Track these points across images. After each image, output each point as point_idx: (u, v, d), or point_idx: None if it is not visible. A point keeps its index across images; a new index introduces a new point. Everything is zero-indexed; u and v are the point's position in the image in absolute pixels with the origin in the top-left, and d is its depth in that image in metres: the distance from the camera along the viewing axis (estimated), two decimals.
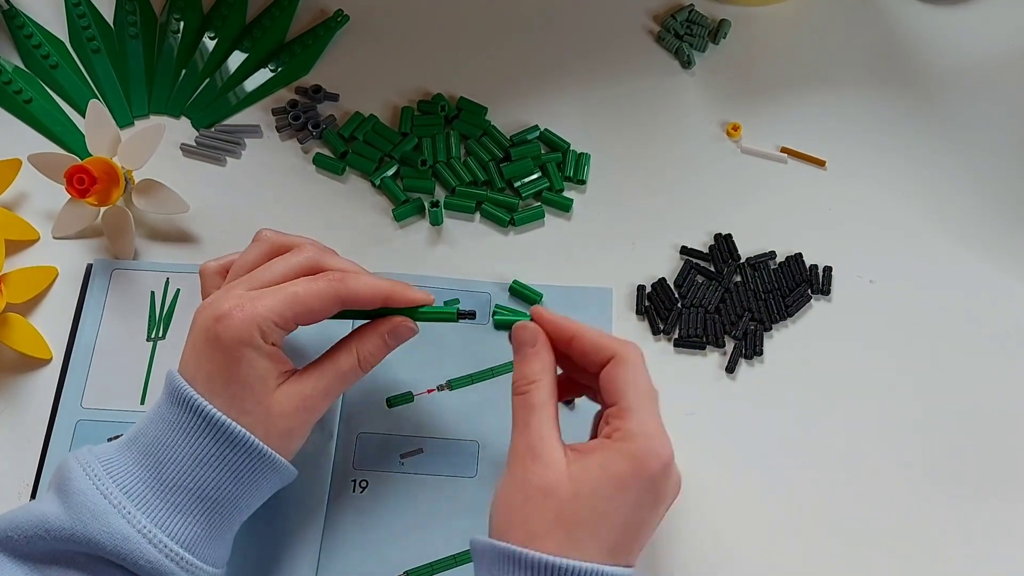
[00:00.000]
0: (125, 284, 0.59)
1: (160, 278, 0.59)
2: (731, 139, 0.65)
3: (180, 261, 0.60)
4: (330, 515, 0.52)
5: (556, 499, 0.42)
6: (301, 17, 0.68)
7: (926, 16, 0.70)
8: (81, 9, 0.67)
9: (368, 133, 0.64)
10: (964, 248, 0.61)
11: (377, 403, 0.55)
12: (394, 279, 0.49)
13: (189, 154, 0.63)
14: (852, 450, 0.55)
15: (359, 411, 0.55)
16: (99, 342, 0.57)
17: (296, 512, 0.52)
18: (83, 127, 0.61)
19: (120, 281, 0.59)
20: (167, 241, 0.60)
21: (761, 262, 0.60)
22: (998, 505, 0.54)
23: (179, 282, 0.59)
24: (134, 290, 0.58)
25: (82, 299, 0.58)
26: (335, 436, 0.54)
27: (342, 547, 0.52)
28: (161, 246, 0.60)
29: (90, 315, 0.58)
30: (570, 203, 0.62)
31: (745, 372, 0.58)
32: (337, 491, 0.53)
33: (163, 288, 0.59)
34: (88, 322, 0.57)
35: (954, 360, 0.58)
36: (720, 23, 0.68)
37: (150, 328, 0.58)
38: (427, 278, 0.59)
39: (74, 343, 0.57)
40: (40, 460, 0.54)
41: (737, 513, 0.54)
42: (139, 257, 0.60)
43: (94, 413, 0.55)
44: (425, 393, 0.56)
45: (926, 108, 0.66)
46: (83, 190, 0.56)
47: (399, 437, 0.55)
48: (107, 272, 0.59)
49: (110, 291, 0.58)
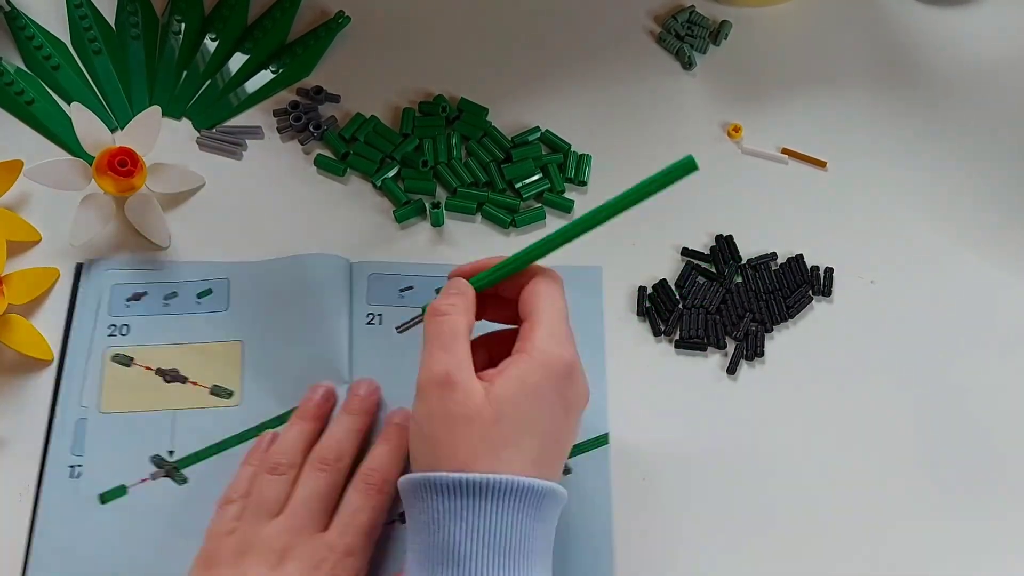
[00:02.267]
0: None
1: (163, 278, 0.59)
2: (732, 140, 0.65)
3: (175, 265, 0.60)
4: None
5: (480, 424, 0.42)
6: (302, 18, 0.69)
7: (926, 17, 0.70)
8: (83, 10, 0.67)
9: (369, 134, 0.64)
10: (965, 248, 0.61)
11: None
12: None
13: (189, 154, 0.63)
14: (853, 450, 0.55)
15: None
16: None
17: None
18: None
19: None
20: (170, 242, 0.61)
21: (762, 263, 0.60)
22: (999, 504, 0.54)
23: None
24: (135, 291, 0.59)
25: (74, 297, 0.58)
26: None
27: None
28: (163, 247, 0.60)
29: (85, 314, 0.57)
30: (571, 204, 0.62)
31: (746, 373, 0.58)
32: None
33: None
34: (82, 321, 0.57)
35: (955, 360, 0.58)
36: (721, 24, 0.68)
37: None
38: (432, 266, 0.59)
39: (68, 341, 0.57)
40: (41, 461, 0.54)
41: (737, 513, 0.54)
42: (152, 254, 0.60)
43: (94, 411, 0.55)
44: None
45: (927, 109, 0.66)
46: (128, 171, 0.56)
47: None
48: (101, 275, 0.59)
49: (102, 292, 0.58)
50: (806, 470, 0.55)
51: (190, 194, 0.62)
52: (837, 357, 0.58)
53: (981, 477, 0.55)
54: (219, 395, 0.56)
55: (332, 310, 0.57)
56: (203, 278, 0.59)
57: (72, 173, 0.58)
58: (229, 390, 0.56)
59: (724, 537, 0.53)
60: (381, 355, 0.57)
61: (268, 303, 0.58)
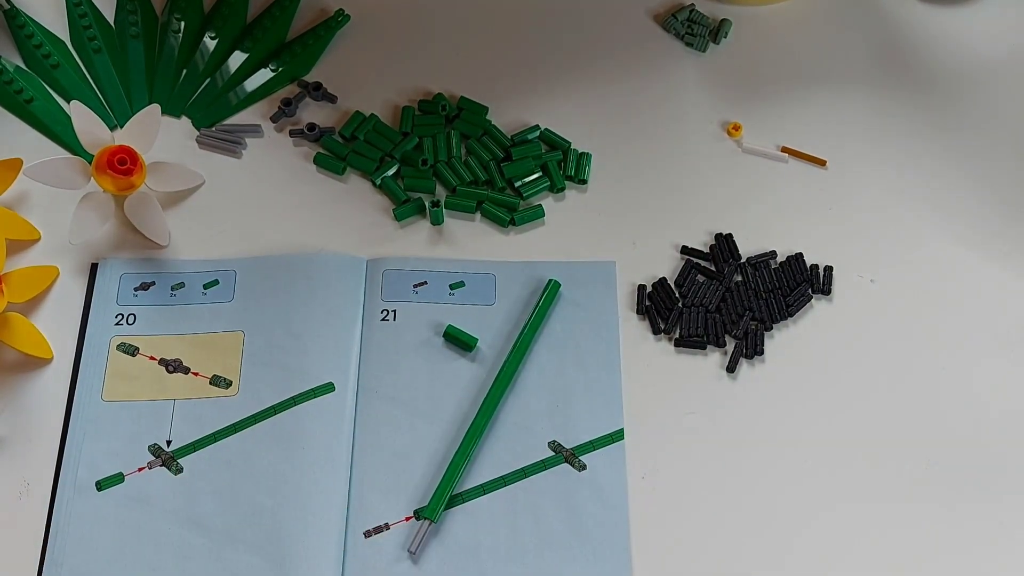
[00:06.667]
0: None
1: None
2: (732, 139, 0.65)
3: (180, 259, 0.60)
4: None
5: None
6: (302, 17, 0.69)
7: (926, 16, 0.70)
8: (82, 9, 0.67)
9: (369, 133, 0.64)
10: (965, 247, 0.61)
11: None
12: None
13: (189, 153, 0.63)
14: (853, 449, 0.55)
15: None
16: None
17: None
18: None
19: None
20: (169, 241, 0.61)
21: (762, 261, 0.60)
22: (999, 504, 0.54)
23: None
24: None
25: (89, 295, 0.58)
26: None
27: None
28: (163, 246, 0.60)
29: (104, 311, 0.58)
30: (542, 211, 0.62)
31: (746, 372, 0.58)
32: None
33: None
34: (99, 318, 0.57)
35: (954, 359, 0.58)
36: (721, 23, 0.68)
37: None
38: (444, 261, 0.60)
39: (84, 339, 0.57)
40: (59, 454, 0.54)
41: (738, 512, 0.54)
42: (151, 253, 0.60)
43: (96, 399, 0.55)
44: None
45: (927, 108, 0.66)
46: (127, 170, 0.56)
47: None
48: (116, 273, 0.59)
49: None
50: (806, 469, 0.55)
51: (189, 192, 0.62)
52: (836, 355, 0.58)
53: (981, 476, 0.55)
54: (218, 385, 0.56)
55: (344, 306, 0.58)
56: (211, 269, 0.59)
57: (71, 172, 0.58)
58: (228, 380, 0.56)
59: (723, 534, 0.53)
60: (392, 351, 0.57)
61: (275, 296, 0.58)
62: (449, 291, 0.59)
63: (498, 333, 0.58)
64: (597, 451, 0.55)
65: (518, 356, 0.56)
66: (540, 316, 0.58)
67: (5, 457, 0.54)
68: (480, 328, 0.57)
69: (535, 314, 0.57)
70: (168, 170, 0.60)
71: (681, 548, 0.53)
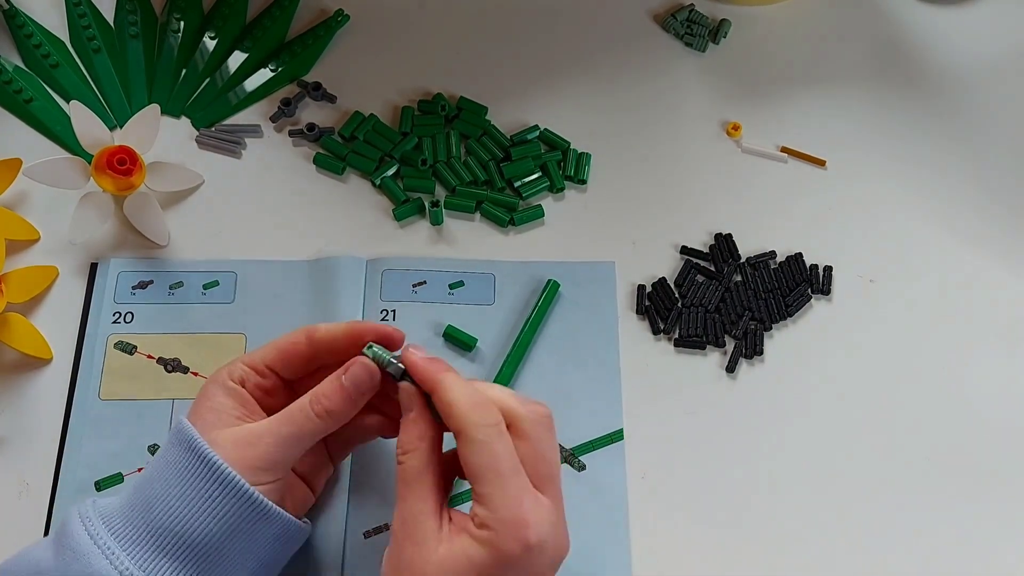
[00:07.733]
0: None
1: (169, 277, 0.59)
2: (731, 139, 0.65)
3: (180, 259, 0.60)
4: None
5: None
6: (301, 17, 0.69)
7: (926, 16, 0.70)
8: (82, 8, 0.67)
9: (368, 133, 0.64)
10: (964, 247, 0.61)
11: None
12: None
13: (188, 153, 0.63)
14: (853, 449, 0.55)
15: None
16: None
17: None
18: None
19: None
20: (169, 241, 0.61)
21: (761, 261, 0.60)
22: (999, 503, 0.54)
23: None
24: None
25: (89, 294, 0.58)
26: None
27: None
28: (162, 246, 0.60)
29: (101, 309, 0.58)
30: (541, 213, 0.62)
31: (745, 372, 0.58)
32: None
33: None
34: (98, 317, 0.57)
35: (954, 359, 0.58)
36: (720, 23, 0.68)
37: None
38: (443, 260, 0.60)
39: (84, 339, 0.57)
40: (58, 454, 0.54)
41: (737, 512, 0.54)
42: (150, 252, 0.60)
43: (93, 398, 0.55)
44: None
45: (926, 108, 0.66)
46: (127, 170, 0.56)
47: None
48: (115, 272, 0.59)
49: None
50: (805, 469, 0.55)
51: (189, 192, 0.62)
52: (836, 355, 0.58)
53: (981, 475, 0.55)
54: None
55: (344, 307, 0.57)
56: (210, 270, 0.59)
57: (71, 172, 0.58)
58: None
59: (723, 534, 0.53)
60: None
61: (275, 298, 0.58)
62: (448, 291, 0.59)
63: (498, 333, 0.58)
64: (597, 451, 0.55)
65: (517, 356, 0.56)
66: (539, 316, 0.58)
67: (5, 457, 0.54)
68: (480, 328, 0.57)
69: (534, 314, 0.57)
70: (167, 170, 0.60)
71: (681, 548, 0.53)
